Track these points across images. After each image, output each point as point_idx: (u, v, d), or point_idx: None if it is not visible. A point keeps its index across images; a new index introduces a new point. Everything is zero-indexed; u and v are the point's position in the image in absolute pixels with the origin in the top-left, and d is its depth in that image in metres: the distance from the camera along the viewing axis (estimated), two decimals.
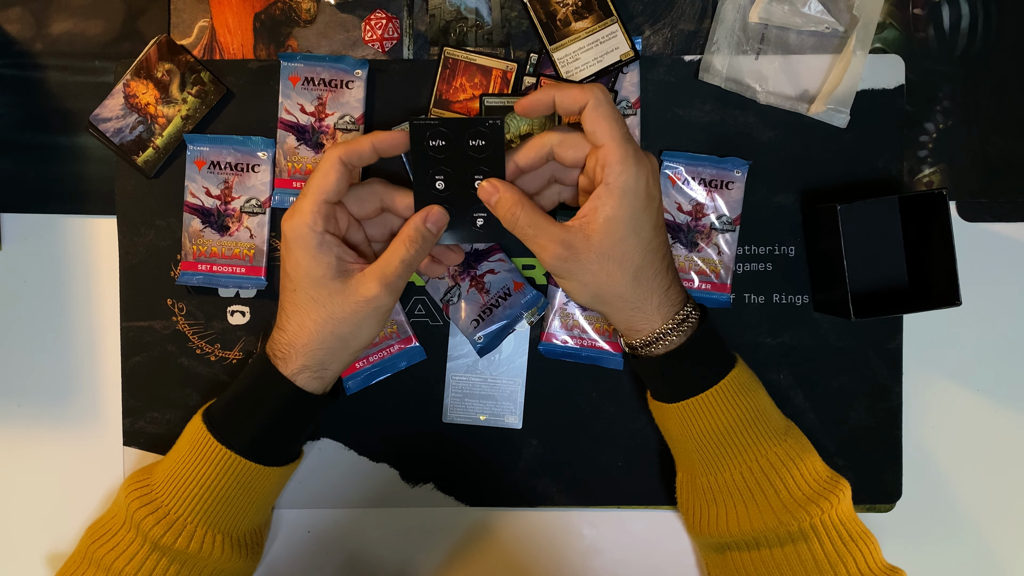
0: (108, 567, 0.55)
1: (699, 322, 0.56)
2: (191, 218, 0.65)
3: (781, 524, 0.55)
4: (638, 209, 0.53)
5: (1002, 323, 0.68)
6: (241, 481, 0.56)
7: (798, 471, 0.57)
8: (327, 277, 0.54)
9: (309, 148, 0.64)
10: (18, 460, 0.67)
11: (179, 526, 0.55)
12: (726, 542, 0.59)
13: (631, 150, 0.53)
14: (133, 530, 0.56)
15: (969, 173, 0.68)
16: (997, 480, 0.68)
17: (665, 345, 0.56)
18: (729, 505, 0.58)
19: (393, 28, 0.66)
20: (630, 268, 0.54)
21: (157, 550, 0.55)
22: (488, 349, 0.65)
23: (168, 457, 0.59)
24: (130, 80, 0.64)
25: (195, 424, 0.58)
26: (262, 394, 0.56)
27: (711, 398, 0.56)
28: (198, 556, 0.56)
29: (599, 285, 0.54)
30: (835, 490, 0.57)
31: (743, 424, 0.56)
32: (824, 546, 0.55)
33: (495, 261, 0.65)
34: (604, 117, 0.53)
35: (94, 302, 0.67)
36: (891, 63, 0.67)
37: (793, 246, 0.67)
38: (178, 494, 0.56)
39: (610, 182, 0.52)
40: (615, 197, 0.52)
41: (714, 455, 0.57)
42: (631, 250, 0.53)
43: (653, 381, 0.60)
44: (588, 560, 0.68)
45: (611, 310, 0.56)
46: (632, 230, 0.53)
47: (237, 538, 0.58)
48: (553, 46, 0.64)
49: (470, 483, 0.67)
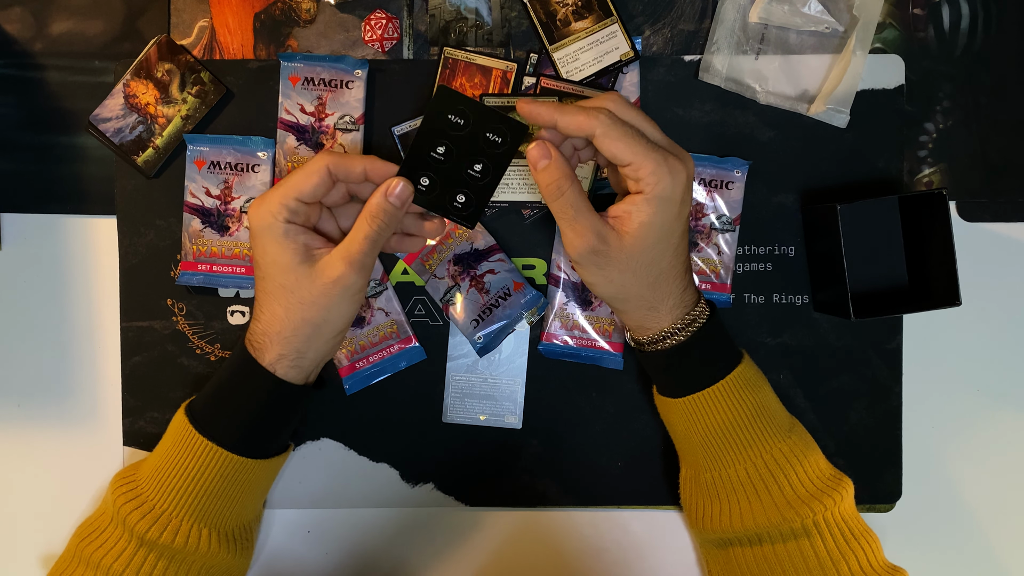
0: (97, 564, 0.55)
1: (708, 319, 0.56)
2: (191, 218, 0.65)
3: (784, 520, 0.56)
4: (671, 216, 0.52)
5: (1002, 323, 0.68)
6: (226, 475, 0.56)
7: (802, 468, 0.57)
8: (294, 263, 0.53)
9: (309, 148, 0.64)
10: (18, 460, 0.67)
11: (164, 520, 0.55)
12: (728, 538, 0.59)
13: (661, 159, 0.51)
14: (120, 527, 0.56)
15: (969, 173, 0.68)
16: (997, 480, 0.68)
17: (673, 342, 0.56)
18: (733, 501, 0.58)
19: (393, 28, 0.66)
20: (655, 271, 0.54)
21: (144, 546, 0.55)
22: (488, 349, 0.65)
23: (153, 453, 0.59)
24: (130, 80, 0.64)
25: (178, 419, 0.58)
26: (242, 386, 0.56)
27: (716, 393, 0.57)
28: (185, 551, 0.56)
29: (623, 283, 0.54)
30: (838, 488, 0.57)
31: (748, 420, 0.57)
32: (826, 543, 0.55)
33: (495, 261, 0.65)
34: (619, 139, 0.51)
35: (94, 302, 0.67)
36: (891, 63, 0.67)
37: (793, 246, 0.67)
38: (163, 489, 0.56)
39: (646, 192, 0.51)
40: (652, 206, 0.52)
41: (718, 451, 0.58)
42: (659, 255, 0.53)
43: (659, 376, 0.60)
44: (588, 560, 0.68)
45: (628, 307, 0.56)
46: (663, 236, 0.53)
47: (226, 533, 0.58)
48: (553, 46, 0.64)
49: (470, 483, 0.67)
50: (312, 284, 0.53)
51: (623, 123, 0.52)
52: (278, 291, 0.54)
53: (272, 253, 0.53)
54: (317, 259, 0.53)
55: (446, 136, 0.54)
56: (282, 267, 0.53)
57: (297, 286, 0.53)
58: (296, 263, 0.53)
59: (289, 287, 0.53)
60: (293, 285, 0.53)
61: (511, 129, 0.54)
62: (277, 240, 0.53)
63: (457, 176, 0.55)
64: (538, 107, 0.53)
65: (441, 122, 0.54)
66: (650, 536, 0.68)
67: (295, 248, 0.53)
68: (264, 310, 0.55)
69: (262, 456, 0.58)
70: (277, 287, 0.54)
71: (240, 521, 0.60)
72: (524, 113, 0.53)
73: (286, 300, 0.54)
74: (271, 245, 0.53)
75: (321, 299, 0.53)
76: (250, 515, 0.62)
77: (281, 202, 0.52)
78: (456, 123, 0.54)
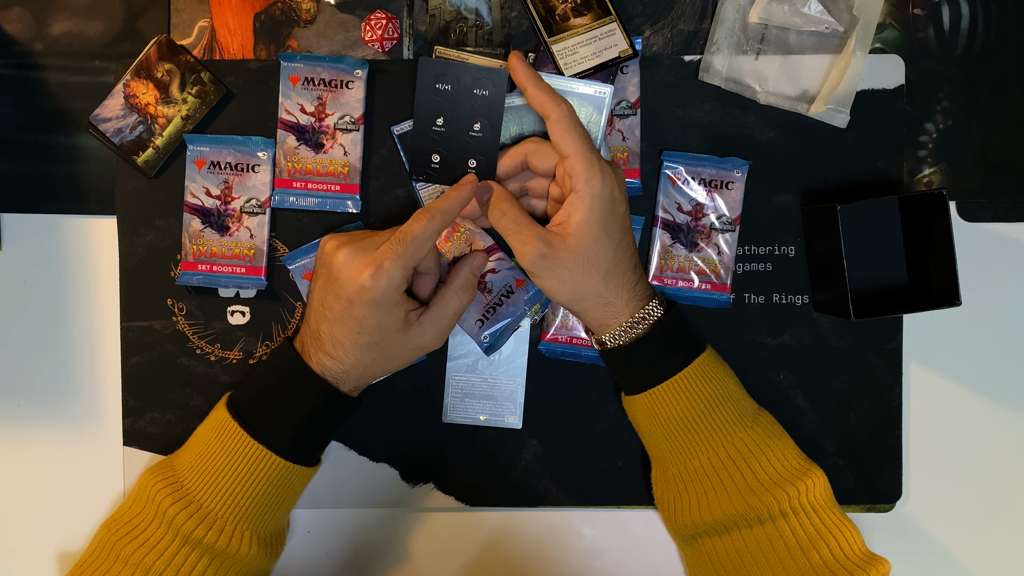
0: (138, 563, 0.55)
1: (666, 313, 0.58)
2: (191, 218, 0.65)
3: (750, 508, 0.56)
4: (607, 213, 0.56)
5: (1002, 323, 0.68)
6: (274, 480, 0.57)
7: (765, 457, 0.57)
8: (395, 329, 0.57)
9: (309, 148, 0.64)
10: (18, 460, 0.67)
11: (210, 520, 0.56)
12: (700, 531, 0.59)
13: (595, 160, 0.56)
14: (164, 525, 0.56)
15: (969, 173, 0.68)
16: (997, 480, 0.68)
17: (632, 336, 0.58)
18: (700, 492, 0.58)
19: (393, 28, 0.66)
20: (603, 267, 0.57)
21: (188, 544, 0.56)
22: (495, 348, 0.65)
23: (190, 450, 0.59)
24: (130, 80, 0.64)
25: (222, 416, 0.58)
26: (296, 390, 0.58)
27: (676, 384, 0.58)
28: (226, 552, 0.56)
29: (576, 282, 0.57)
30: (805, 477, 0.57)
31: (708, 409, 0.58)
32: (795, 530, 0.56)
33: (495, 260, 0.65)
34: (567, 131, 0.56)
35: (94, 302, 0.67)
36: (891, 63, 0.67)
37: (793, 246, 0.67)
38: (211, 489, 0.56)
39: (579, 189, 0.55)
40: (585, 203, 0.55)
41: (681, 443, 0.59)
42: (603, 250, 0.56)
43: (622, 375, 0.61)
44: (588, 560, 0.68)
45: (586, 306, 0.58)
46: (603, 232, 0.56)
47: (265, 537, 0.59)
48: (552, 38, 0.64)
49: (470, 483, 0.67)
50: (404, 348, 0.58)
51: (578, 120, 0.57)
52: (372, 348, 0.57)
53: (379, 319, 0.56)
54: (411, 324, 0.58)
55: (440, 107, 0.59)
56: (384, 331, 0.57)
57: (390, 346, 0.58)
58: (397, 329, 0.57)
59: (384, 346, 0.57)
60: (387, 345, 0.57)
61: (491, 76, 0.58)
62: (390, 310, 0.56)
63: (462, 142, 0.59)
64: (521, 65, 0.57)
65: (431, 94, 0.58)
66: (650, 536, 0.68)
67: (399, 317, 0.57)
68: (351, 356, 0.57)
69: (309, 464, 0.60)
70: (372, 344, 0.57)
71: (278, 526, 0.61)
72: (510, 63, 0.58)
73: (377, 354, 0.58)
74: (381, 313, 0.56)
75: (408, 357, 0.59)
76: (285, 520, 0.63)
77: (404, 275, 0.55)
78: (444, 90, 0.58)
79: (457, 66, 0.59)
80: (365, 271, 0.54)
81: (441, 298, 0.59)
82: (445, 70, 0.58)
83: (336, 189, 0.65)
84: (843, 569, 0.54)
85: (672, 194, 0.66)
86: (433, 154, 0.59)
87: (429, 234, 0.55)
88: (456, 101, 0.59)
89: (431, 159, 0.59)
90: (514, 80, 0.58)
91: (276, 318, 0.66)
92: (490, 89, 0.58)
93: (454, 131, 0.59)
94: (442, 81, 0.58)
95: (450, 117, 0.59)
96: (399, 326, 0.57)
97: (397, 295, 0.56)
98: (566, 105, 0.57)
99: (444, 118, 0.59)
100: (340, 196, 0.65)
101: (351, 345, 0.57)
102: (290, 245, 0.66)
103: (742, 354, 0.66)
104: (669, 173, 0.66)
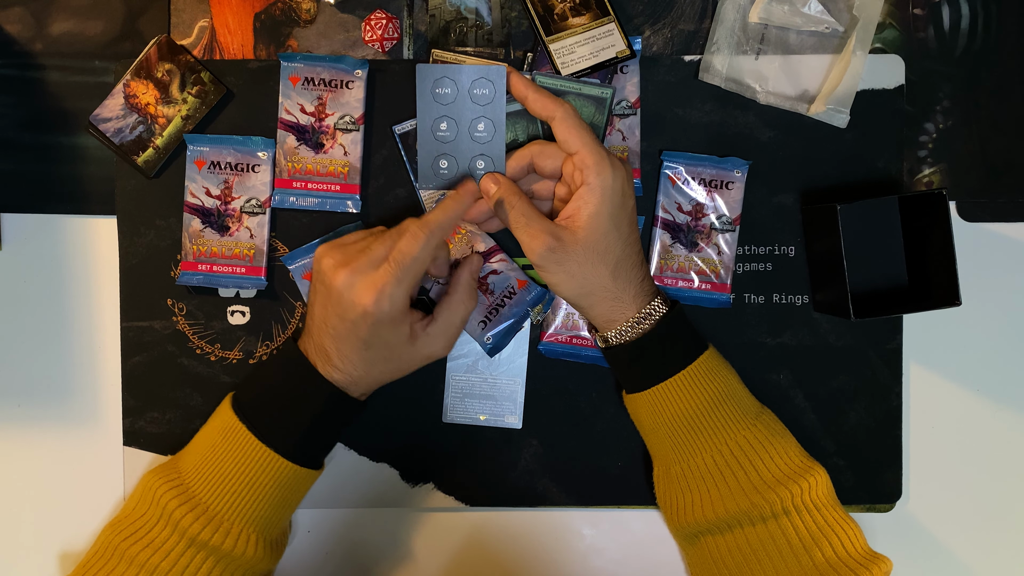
0: (143, 564, 0.55)
1: (670, 310, 0.59)
2: (191, 218, 0.65)
3: (753, 506, 0.56)
4: (616, 206, 0.56)
5: (1002, 323, 0.68)
6: (282, 483, 0.57)
7: (768, 455, 0.57)
8: (402, 344, 0.57)
9: (309, 148, 0.64)
10: (18, 460, 0.67)
11: (217, 522, 0.56)
12: (702, 529, 0.59)
13: (605, 153, 0.56)
14: (170, 527, 0.56)
15: (969, 173, 0.68)
16: (997, 480, 0.68)
17: (638, 332, 0.58)
18: (702, 490, 0.58)
19: (393, 28, 0.66)
20: (611, 261, 0.57)
21: (194, 546, 0.56)
22: (498, 349, 0.65)
23: (194, 452, 0.59)
24: (130, 80, 0.64)
25: (227, 416, 0.58)
26: (304, 394, 0.58)
27: (679, 382, 0.58)
28: (232, 554, 0.56)
29: (585, 276, 0.57)
30: (807, 475, 0.57)
31: (711, 407, 0.58)
32: (798, 528, 0.56)
33: (497, 261, 0.65)
34: (574, 127, 0.56)
35: (94, 302, 0.67)
36: (891, 63, 0.67)
37: (793, 246, 0.67)
38: (217, 491, 0.56)
39: (590, 182, 0.56)
40: (596, 195, 0.56)
41: (684, 441, 0.59)
42: (613, 244, 0.56)
43: (626, 372, 0.61)
44: (588, 560, 0.68)
45: (594, 301, 0.58)
46: (613, 225, 0.56)
47: (270, 539, 0.59)
48: (549, 38, 0.64)
49: (470, 483, 0.67)
50: (412, 357, 0.59)
51: (581, 118, 0.58)
52: (380, 361, 0.58)
53: (385, 337, 0.56)
54: (418, 336, 0.58)
55: (442, 112, 0.59)
56: (391, 346, 0.57)
57: (399, 358, 0.58)
58: (404, 343, 0.58)
59: (392, 359, 0.58)
60: (395, 357, 0.58)
61: (489, 74, 0.59)
62: (395, 328, 0.56)
63: (468, 144, 0.59)
64: (517, 76, 0.59)
65: (432, 100, 0.59)
66: (650, 536, 0.68)
67: (405, 332, 0.57)
68: (358, 369, 0.57)
69: (315, 467, 0.60)
70: (380, 358, 0.57)
71: (283, 528, 0.61)
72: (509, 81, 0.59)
73: (384, 366, 0.58)
74: (386, 331, 0.56)
75: (415, 365, 0.60)
76: (287, 522, 0.63)
77: (407, 293, 0.55)
78: (444, 94, 0.59)
79: (455, 69, 0.59)
80: (367, 296, 0.54)
81: (447, 307, 0.59)
82: (443, 74, 0.59)
83: (336, 189, 0.65)
84: (845, 567, 0.54)
85: (672, 194, 0.66)
86: (440, 160, 0.60)
87: (428, 252, 0.55)
88: (457, 104, 0.59)
89: (439, 165, 0.60)
90: (512, 92, 0.59)
91: (276, 318, 0.66)
92: (490, 88, 0.59)
93: (459, 134, 0.59)
94: (441, 85, 0.59)
95: (453, 121, 0.59)
96: (406, 340, 0.57)
97: (401, 314, 0.56)
98: (568, 104, 0.57)
99: (447, 122, 0.59)
100: (340, 196, 0.65)
101: (359, 360, 0.57)
102: (290, 245, 0.66)
103: (742, 354, 0.66)
104: (669, 173, 0.66)
